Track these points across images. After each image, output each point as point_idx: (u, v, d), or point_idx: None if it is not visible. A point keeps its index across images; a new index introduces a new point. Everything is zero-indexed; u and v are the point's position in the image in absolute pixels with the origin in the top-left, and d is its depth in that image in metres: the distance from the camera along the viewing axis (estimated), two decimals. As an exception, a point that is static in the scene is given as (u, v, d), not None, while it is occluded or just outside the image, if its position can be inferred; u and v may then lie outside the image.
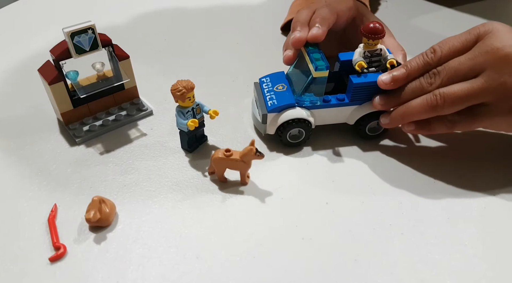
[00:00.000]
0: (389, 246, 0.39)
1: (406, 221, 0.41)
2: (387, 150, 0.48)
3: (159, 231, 0.39)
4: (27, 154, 0.46)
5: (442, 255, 0.38)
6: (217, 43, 0.65)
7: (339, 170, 0.46)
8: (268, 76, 0.49)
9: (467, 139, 0.49)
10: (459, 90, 0.40)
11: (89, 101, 0.48)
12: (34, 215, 0.40)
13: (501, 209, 0.42)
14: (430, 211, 0.42)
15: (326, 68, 0.42)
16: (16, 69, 0.58)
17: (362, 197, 0.43)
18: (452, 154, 0.48)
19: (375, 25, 0.43)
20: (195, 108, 0.45)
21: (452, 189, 0.44)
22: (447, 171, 0.46)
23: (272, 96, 0.46)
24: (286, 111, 0.45)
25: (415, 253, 0.39)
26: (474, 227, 0.41)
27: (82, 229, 0.39)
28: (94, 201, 0.39)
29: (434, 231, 0.40)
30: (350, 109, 0.46)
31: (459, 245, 0.39)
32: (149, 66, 0.59)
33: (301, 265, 0.38)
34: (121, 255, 0.37)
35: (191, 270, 0.37)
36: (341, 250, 0.39)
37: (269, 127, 0.46)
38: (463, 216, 0.42)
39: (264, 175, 0.45)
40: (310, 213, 0.42)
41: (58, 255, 0.36)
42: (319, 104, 0.45)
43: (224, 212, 0.42)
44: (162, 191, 0.43)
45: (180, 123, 0.44)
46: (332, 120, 0.47)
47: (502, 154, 0.48)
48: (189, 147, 0.47)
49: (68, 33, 0.43)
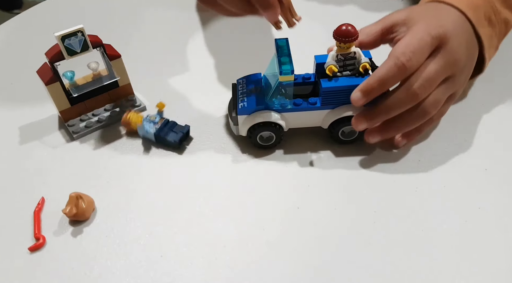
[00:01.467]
0: (357, 255, 0.38)
1: (378, 230, 0.40)
2: (361, 155, 0.47)
3: (130, 228, 0.42)
4: (26, 149, 0.50)
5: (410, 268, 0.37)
6: (211, 41, 0.65)
7: (310, 173, 0.45)
8: (244, 77, 0.49)
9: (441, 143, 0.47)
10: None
11: (85, 99, 0.51)
12: (23, 207, 0.43)
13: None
14: (404, 221, 0.41)
15: (291, 73, 0.41)
16: (24, 69, 0.63)
17: (333, 203, 0.42)
18: (428, 156, 0.46)
19: (347, 28, 0.41)
20: (149, 118, 0.49)
21: (430, 193, 0.42)
22: (424, 175, 0.44)
23: (244, 99, 0.46)
24: (255, 114, 0.45)
25: (384, 262, 0.38)
26: (448, 240, 0.39)
27: (63, 222, 0.42)
28: (71, 197, 0.41)
29: (406, 241, 0.39)
30: (323, 113, 0.45)
31: (424, 256, 0.38)
32: (147, 64, 0.61)
33: (263, 270, 0.38)
34: (92, 249, 0.40)
35: (155, 269, 0.39)
36: (305, 257, 0.38)
37: (241, 129, 0.47)
38: (440, 228, 0.40)
39: (235, 177, 0.46)
40: (279, 216, 0.42)
41: (37, 245, 0.40)
42: (289, 108, 0.44)
43: (195, 212, 0.43)
44: (141, 188, 0.45)
45: (143, 133, 0.49)
46: (305, 123, 0.47)
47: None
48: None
49: (59, 36, 0.45)
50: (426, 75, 0.41)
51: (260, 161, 0.47)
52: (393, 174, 0.45)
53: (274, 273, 0.38)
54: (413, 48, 0.40)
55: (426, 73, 0.41)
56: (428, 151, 0.47)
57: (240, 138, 0.49)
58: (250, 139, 0.47)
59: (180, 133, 0.48)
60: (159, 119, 0.49)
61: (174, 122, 0.50)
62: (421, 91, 0.41)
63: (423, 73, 0.41)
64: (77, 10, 0.73)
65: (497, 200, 0.42)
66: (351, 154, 0.47)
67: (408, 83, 0.41)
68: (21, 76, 0.59)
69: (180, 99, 0.55)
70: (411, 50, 0.40)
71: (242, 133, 0.47)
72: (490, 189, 0.43)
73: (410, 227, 0.40)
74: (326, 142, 0.48)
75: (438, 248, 0.39)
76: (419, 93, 0.41)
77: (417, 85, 0.41)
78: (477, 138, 0.48)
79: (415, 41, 0.41)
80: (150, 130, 0.48)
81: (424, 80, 0.41)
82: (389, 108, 0.42)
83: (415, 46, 0.40)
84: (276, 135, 0.46)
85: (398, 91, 0.42)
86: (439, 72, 0.42)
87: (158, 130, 0.48)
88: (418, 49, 0.40)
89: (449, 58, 0.42)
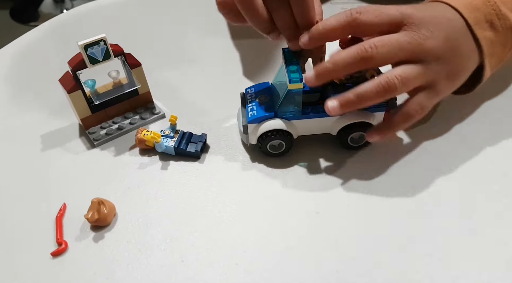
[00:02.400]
0: (377, 259, 0.38)
1: (395, 233, 0.40)
2: (371, 161, 0.47)
3: (151, 234, 0.42)
4: (48, 156, 0.51)
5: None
6: (234, 49, 0.66)
7: (320, 180, 0.45)
8: (253, 86, 0.49)
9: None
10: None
11: (105, 107, 0.52)
12: (45, 212, 0.44)
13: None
14: (421, 224, 0.40)
15: (300, 81, 0.41)
16: (45, 77, 0.64)
17: (343, 207, 0.42)
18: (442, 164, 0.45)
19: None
20: (164, 133, 0.50)
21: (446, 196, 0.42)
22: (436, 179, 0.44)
23: (253, 107, 0.46)
24: (265, 123, 0.45)
25: (403, 266, 0.38)
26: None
27: (84, 227, 0.43)
28: (93, 202, 0.42)
29: (424, 246, 0.39)
30: (332, 120, 0.45)
31: (442, 260, 0.37)
32: (165, 72, 0.62)
33: (283, 275, 0.38)
34: (113, 254, 0.40)
35: (176, 273, 0.39)
36: (325, 262, 0.39)
37: (251, 138, 0.47)
38: (453, 233, 0.40)
39: (253, 183, 0.46)
40: (297, 222, 0.42)
41: (59, 250, 0.41)
42: (299, 116, 0.45)
43: (215, 217, 0.43)
44: (160, 194, 0.45)
45: (162, 149, 0.49)
46: (314, 130, 0.47)
47: None
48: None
49: (82, 45, 0.47)
50: (381, 38, 0.40)
51: (276, 167, 0.47)
52: (407, 176, 0.45)
53: (294, 278, 0.38)
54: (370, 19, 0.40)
55: (381, 37, 0.40)
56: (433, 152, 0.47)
57: (253, 145, 0.49)
58: (260, 148, 0.47)
59: (199, 143, 0.49)
60: (174, 132, 0.50)
61: (190, 133, 0.50)
62: (371, 48, 0.39)
63: (379, 37, 0.40)
64: (97, 20, 0.75)
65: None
66: (360, 159, 0.47)
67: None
68: (40, 85, 0.61)
69: (194, 108, 0.55)
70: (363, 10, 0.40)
71: (252, 142, 0.47)
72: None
73: (428, 231, 0.40)
74: (336, 147, 0.48)
75: (454, 251, 0.38)
76: (368, 49, 0.39)
77: (368, 43, 0.39)
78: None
79: (373, 16, 0.40)
80: (169, 145, 0.49)
81: (376, 40, 0.40)
82: (337, 67, 0.40)
83: (372, 19, 0.40)
84: (286, 143, 0.46)
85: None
86: (399, 42, 0.40)
87: (177, 143, 0.49)
88: (375, 19, 0.40)
89: (413, 36, 0.40)
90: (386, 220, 0.41)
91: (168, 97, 0.57)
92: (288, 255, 0.39)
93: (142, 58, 0.52)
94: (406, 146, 0.48)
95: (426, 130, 0.49)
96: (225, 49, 0.66)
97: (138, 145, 0.49)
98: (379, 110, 0.45)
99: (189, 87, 0.59)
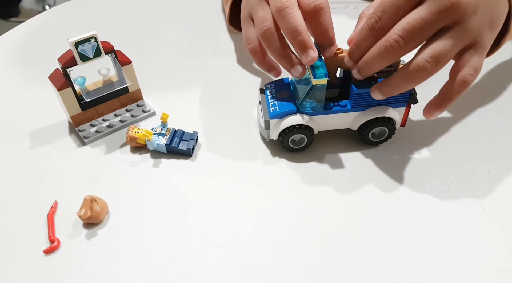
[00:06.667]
0: (368, 255, 0.39)
1: (387, 231, 0.41)
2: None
3: (144, 231, 0.42)
4: (38, 153, 0.50)
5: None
6: (223, 47, 0.66)
7: (312, 177, 0.46)
8: (272, 82, 0.50)
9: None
10: (413, 20, 0.37)
11: (96, 105, 0.52)
12: (36, 210, 0.44)
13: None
14: (412, 221, 0.42)
15: (325, 76, 0.42)
16: (34, 75, 0.64)
17: (334, 204, 0.43)
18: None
19: None
20: (155, 131, 0.50)
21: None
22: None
23: (275, 103, 0.47)
24: (287, 118, 0.46)
25: (394, 262, 0.39)
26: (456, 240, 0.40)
27: (76, 225, 0.43)
28: (86, 200, 0.42)
29: (416, 243, 0.40)
30: (353, 116, 0.46)
31: (435, 256, 0.39)
32: (156, 70, 0.62)
33: (276, 271, 0.39)
34: (106, 251, 0.41)
35: (168, 269, 0.39)
36: (317, 258, 0.39)
37: (272, 133, 0.48)
38: (446, 229, 0.41)
39: (246, 179, 0.46)
40: (290, 218, 0.43)
41: (52, 248, 0.40)
42: (320, 111, 0.45)
43: (208, 214, 0.43)
44: (153, 192, 0.46)
45: (154, 147, 0.49)
46: (335, 126, 0.48)
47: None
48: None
49: (73, 42, 0.46)
50: (407, 22, 0.37)
51: (268, 164, 0.48)
52: (398, 174, 0.46)
53: (287, 274, 0.38)
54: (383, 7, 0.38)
55: (407, 20, 0.37)
56: (435, 152, 0.48)
57: (247, 142, 0.50)
58: (282, 143, 0.48)
59: (191, 141, 0.49)
60: (165, 130, 0.50)
61: (182, 130, 0.50)
62: (399, 40, 0.38)
63: (403, 23, 0.38)
64: (86, 17, 0.74)
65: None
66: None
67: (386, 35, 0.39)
68: (29, 82, 0.60)
69: (184, 106, 0.56)
70: (381, 9, 0.38)
71: (273, 137, 0.48)
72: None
73: (419, 229, 0.41)
74: (356, 142, 0.49)
75: (446, 247, 0.40)
76: (396, 39, 0.37)
77: (395, 33, 0.38)
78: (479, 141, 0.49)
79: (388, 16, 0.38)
80: (160, 143, 0.49)
81: (403, 30, 0.37)
82: (371, 61, 0.40)
83: (390, 14, 0.38)
84: (308, 138, 0.47)
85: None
86: (427, 18, 0.37)
87: (168, 141, 0.49)
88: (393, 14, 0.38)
89: (437, 3, 0.37)
90: (377, 217, 0.42)
91: (159, 95, 0.57)
92: (280, 251, 0.40)
93: (133, 56, 0.52)
94: (400, 144, 0.49)
95: (414, 127, 0.51)
96: (217, 46, 0.66)
97: (129, 142, 0.49)
98: (400, 106, 0.46)
99: (180, 85, 0.59)
